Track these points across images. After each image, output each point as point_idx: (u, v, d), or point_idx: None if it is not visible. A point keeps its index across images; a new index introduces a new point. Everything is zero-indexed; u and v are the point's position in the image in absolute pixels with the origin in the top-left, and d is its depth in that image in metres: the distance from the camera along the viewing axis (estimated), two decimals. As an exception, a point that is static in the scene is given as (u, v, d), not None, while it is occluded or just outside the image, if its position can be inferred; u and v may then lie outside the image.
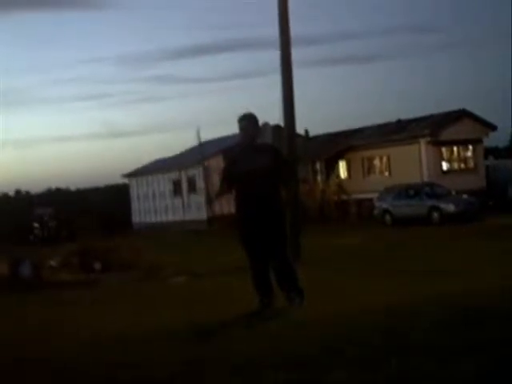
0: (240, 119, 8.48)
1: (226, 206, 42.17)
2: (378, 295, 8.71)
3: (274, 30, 18.53)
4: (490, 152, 48.75)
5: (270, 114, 52.22)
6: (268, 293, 8.40)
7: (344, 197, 39.13)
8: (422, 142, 37.43)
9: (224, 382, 4.94)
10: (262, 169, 8.21)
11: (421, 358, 4.86)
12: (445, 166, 38.40)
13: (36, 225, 43.70)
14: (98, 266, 18.11)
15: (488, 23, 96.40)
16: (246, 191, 8.31)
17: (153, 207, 48.61)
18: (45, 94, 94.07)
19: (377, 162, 40.39)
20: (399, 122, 41.17)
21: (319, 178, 41.69)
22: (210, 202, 8.89)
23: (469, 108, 39.34)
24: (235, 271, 14.64)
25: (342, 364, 4.92)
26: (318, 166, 41.93)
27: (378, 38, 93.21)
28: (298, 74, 18.86)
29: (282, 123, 18.99)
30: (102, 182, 63.35)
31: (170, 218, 45.98)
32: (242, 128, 8.44)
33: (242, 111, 8.54)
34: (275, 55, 18.30)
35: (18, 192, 77.75)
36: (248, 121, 8.46)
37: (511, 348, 4.95)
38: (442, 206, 29.73)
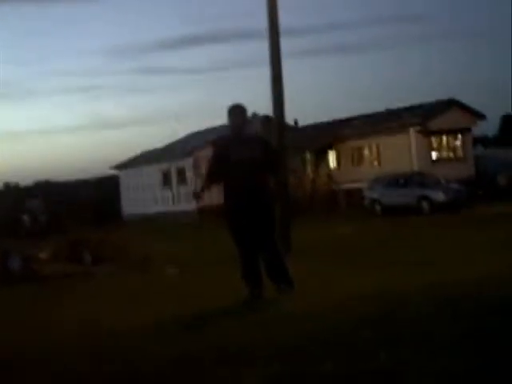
0: (229, 110, 8.47)
1: (216, 196, 42.32)
2: (367, 286, 8.71)
3: (262, 20, 18.46)
4: (479, 141, 48.94)
5: (259, 105, 52.17)
6: (258, 284, 8.40)
7: (334, 187, 39.16)
8: (412, 131, 37.49)
9: (214, 373, 4.93)
10: (250, 159, 8.20)
11: (409, 349, 4.87)
12: (434, 155, 38.49)
13: (25, 217, 43.58)
14: (87, 257, 18.10)
15: (477, 13, 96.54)
16: (235, 182, 8.29)
17: (142, 198, 48.52)
18: (32, 87, 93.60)
19: (366, 151, 40.42)
20: (388, 111, 41.24)
21: (309, 168, 41.69)
22: (196, 196, 8.82)
23: (457, 97, 39.52)
24: (225, 262, 14.66)
25: (331, 355, 4.92)
26: (307, 156, 41.93)
27: (366, 27, 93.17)
28: (286, 65, 18.79)
29: (271, 114, 18.95)
30: (91, 173, 63.05)
31: (160, 209, 45.92)
32: (230, 119, 8.43)
33: (231, 102, 8.54)
34: (264, 45, 18.23)
35: (6, 185, 77.41)
36: (237, 111, 8.44)
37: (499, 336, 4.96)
38: (432, 195, 29.77)
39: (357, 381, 4.34)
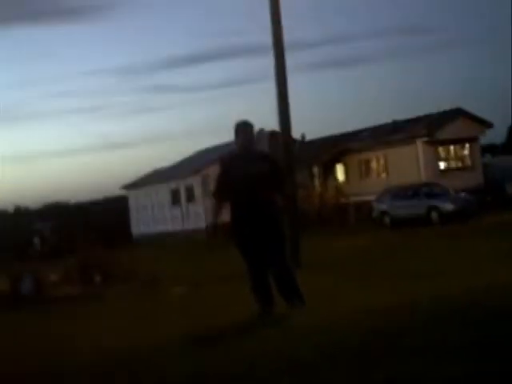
0: (236, 127, 8.50)
1: (226, 214, 42.35)
2: (377, 298, 8.71)
3: (267, 37, 18.62)
4: (487, 149, 48.88)
5: (267, 120, 52.39)
6: (268, 300, 8.39)
7: (342, 200, 39.16)
8: (419, 142, 37.51)
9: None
10: (258, 175, 8.22)
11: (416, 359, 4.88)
12: (442, 165, 38.49)
13: (36, 240, 43.73)
14: (98, 278, 18.14)
15: (479, 22, 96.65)
16: (242, 197, 8.30)
17: (152, 218, 48.60)
18: (41, 108, 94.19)
19: (374, 164, 40.46)
20: (395, 123, 41.28)
21: (316, 182, 41.72)
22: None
23: (464, 106, 39.53)
24: (234, 278, 14.68)
25: (341, 368, 4.93)
26: (315, 170, 41.98)
27: (370, 40, 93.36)
28: (291, 79, 18.90)
29: (278, 129, 19.03)
30: (101, 194, 63.24)
31: (170, 228, 45.95)
32: (238, 135, 8.47)
33: (238, 119, 8.58)
34: (269, 61, 18.35)
35: (17, 208, 77.67)
36: (244, 128, 8.48)
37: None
38: (441, 205, 29.71)
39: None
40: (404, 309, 7.31)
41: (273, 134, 32.54)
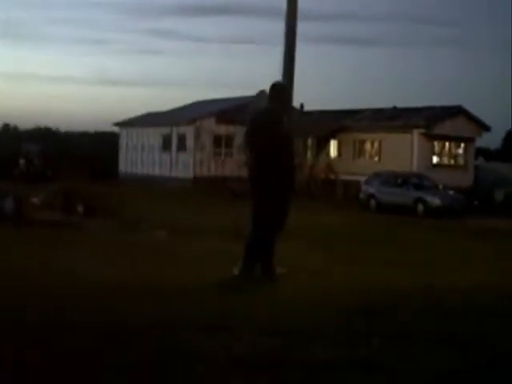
0: (278, 87, 8.66)
1: (214, 168, 42.40)
2: (354, 278, 8.81)
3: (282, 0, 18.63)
4: (481, 152, 48.99)
5: (267, 83, 52.01)
6: (262, 261, 8.40)
7: (332, 176, 39.20)
8: (416, 132, 37.54)
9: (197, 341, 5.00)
10: (290, 138, 8.34)
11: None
12: (435, 159, 38.57)
13: (22, 160, 43.46)
14: (80, 209, 18.03)
15: (494, 24, 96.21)
16: (284, 158, 8.28)
17: (140, 159, 48.48)
18: (44, 32, 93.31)
19: (368, 145, 40.47)
20: (395, 109, 41.26)
21: (309, 154, 41.69)
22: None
23: (466, 105, 39.53)
24: (216, 233, 14.73)
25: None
26: (309, 141, 41.90)
27: (382, 23, 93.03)
28: (299, 48, 18.80)
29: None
30: (91, 127, 62.98)
31: (157, 172, 45.89)
32: (278, 95, 8.48)
33: (237, 76, 8.72)
34: (278, 25, 18.32)
35: (5, 126, 77.24)
36: (285, 91, 8.62)
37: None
38: (428, 198, 29.83)
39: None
40: (378, 291, 7.39)
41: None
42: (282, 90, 8.71)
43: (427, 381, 4.24)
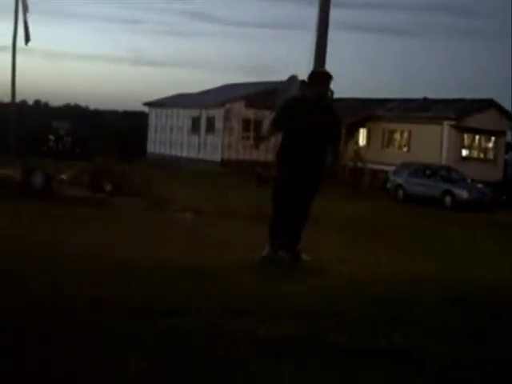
0: (318, 75, 8.90)
1: (242, 151, 42.37)
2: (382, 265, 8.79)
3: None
4: (511, 147, 48.47)
5: (294, 69, 51.89)
6: (282, 243, 8.47)
7: (360, 164, 39.02)
8: (446, 124, 37.26)
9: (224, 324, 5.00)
10: (323, 125, 8.30)
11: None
12: (464, 152, 38.30)
13: (51, 137, 43.67)
14: (108, 187, 18.13)
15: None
16: (303, 144, 8.32)
17: (169, 140, 48.56)
18: (75, 10, 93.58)
19: (397, 135, 40.27)
20: (425, 100, 40.96)
21: (339, 141, 41.45)
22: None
23: (497, 99, 39.15)
24: (244, 216, 14.73)
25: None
26: (338, 129, 41.67)
27: (416, 13, 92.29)
28: (331, 34, 18.80)
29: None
30: (121, 106, 63.24)
31: (185, 154, 45.99)
32: (319, 82, 8.56)
33: (269, 61, 8.73)
34: (312, 11, 18.31)
35: (37, 102, 77.80)
36: (326, 79, 8.71)
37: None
38: (456, 191, 29.67)
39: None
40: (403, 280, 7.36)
41: (303, 82, 32.25)
42: (317, 78, 8.69)
43: (454, 369, 4.22)
